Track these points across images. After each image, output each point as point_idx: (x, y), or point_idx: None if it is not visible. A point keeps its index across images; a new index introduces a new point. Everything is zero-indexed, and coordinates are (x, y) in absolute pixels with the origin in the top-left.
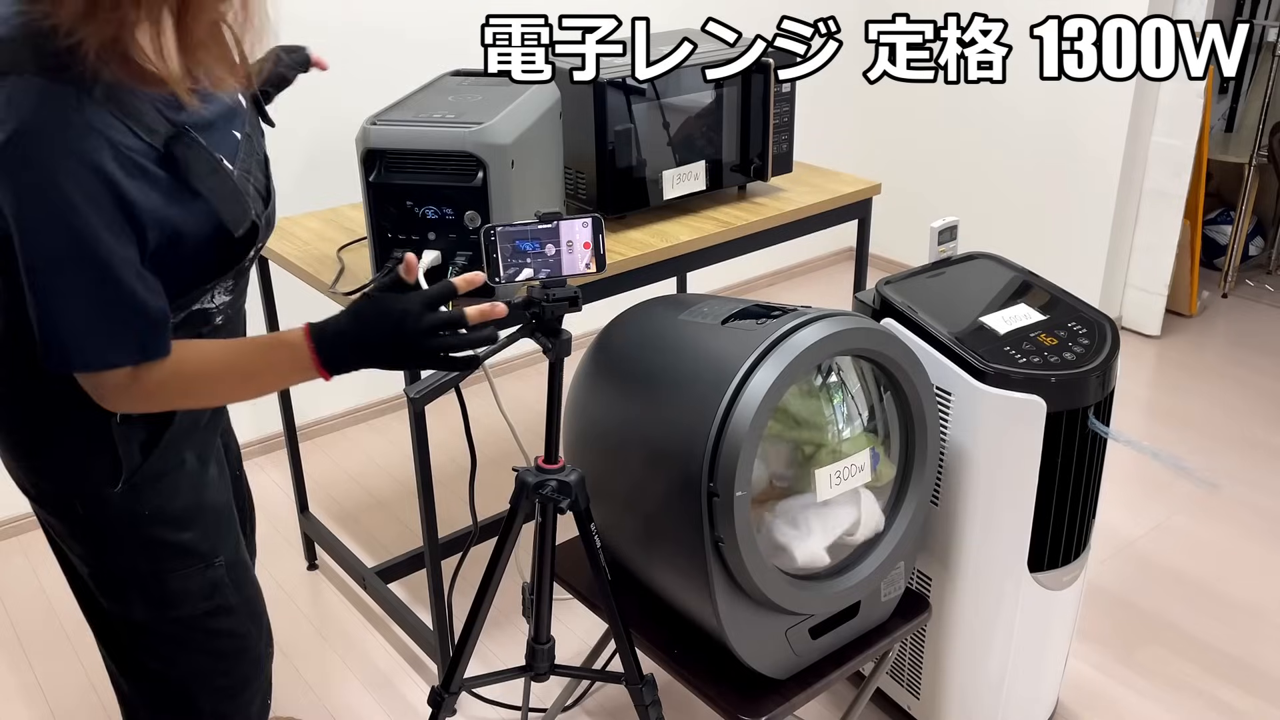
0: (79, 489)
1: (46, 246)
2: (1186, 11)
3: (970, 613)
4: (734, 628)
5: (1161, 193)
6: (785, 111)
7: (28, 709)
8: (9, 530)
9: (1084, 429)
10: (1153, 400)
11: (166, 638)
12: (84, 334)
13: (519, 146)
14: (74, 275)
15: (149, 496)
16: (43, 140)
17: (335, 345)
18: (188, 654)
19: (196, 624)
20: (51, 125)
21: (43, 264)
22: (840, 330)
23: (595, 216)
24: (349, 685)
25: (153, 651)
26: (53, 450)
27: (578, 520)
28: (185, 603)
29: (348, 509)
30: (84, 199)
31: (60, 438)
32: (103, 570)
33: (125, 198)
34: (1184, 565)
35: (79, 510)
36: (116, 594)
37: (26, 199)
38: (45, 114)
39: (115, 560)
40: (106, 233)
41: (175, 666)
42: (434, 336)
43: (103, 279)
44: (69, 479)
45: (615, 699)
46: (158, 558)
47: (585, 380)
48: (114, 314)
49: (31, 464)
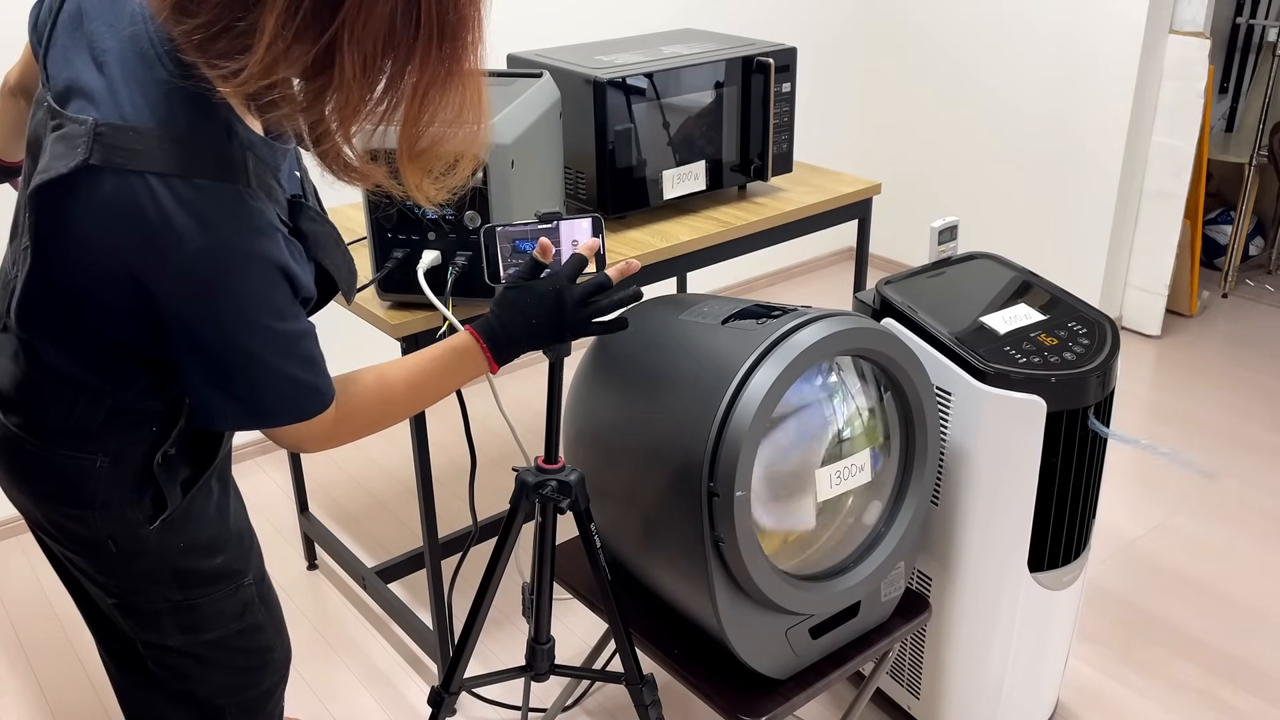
0: (114, 531)
1: (229, 342)
2: (1187, 11)
3: (970, 613)
4: (734, 628)
5: (1161, 193)
6: (785, 111)
7: (28, 709)
8: (9, 530)
9: (1084, 429)
10: (1153, 400)
11: (199, 659)
12: (290, 403)
13: (519, 146)
14: (260, 363)
15: (182, 529)
16: (234, 249)
17: (506, 340)
18: (218, 672)
19: (228, 643)
20: (237, 232)
21: (226, 354)
22: (840, 330)
23: (595, 216)
24: (349, 685)
25: (182, 673)
26: (97, 497)
27: (578, 520)
28: (218, 625)
29: (348, 509)
30: (278, 295)
31: (108, 486)
32: (132, 603)
33: (296, 282)
34: (1184, 565)
35: (112, 550)
36: (149, 624)
37: (218, 305)
38: (229, 222)
39: (149, 593)
40: (292, 320)
41: (204, 684)
42: (586, 305)
43: (291, 353)
44: (108, 523)
45: (615, 699)
46: (191, 586)
47: (585, 380)
48: (306, 382)
49: (69, 511)
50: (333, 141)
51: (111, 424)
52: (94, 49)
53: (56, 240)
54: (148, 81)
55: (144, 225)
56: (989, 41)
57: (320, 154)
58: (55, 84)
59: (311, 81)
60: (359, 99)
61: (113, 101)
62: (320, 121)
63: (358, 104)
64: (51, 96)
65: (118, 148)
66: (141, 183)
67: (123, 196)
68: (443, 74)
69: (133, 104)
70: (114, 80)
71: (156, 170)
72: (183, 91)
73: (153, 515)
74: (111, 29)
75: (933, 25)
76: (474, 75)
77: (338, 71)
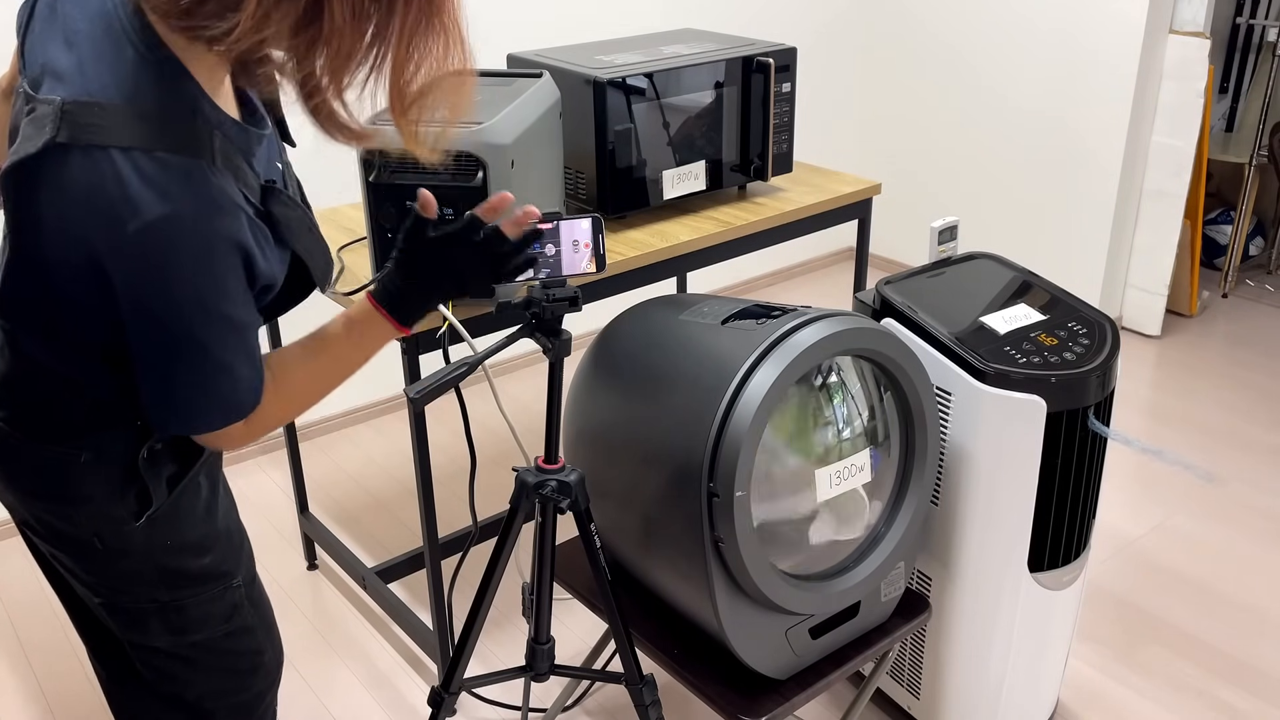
0: (100, 528)
1: (179, 324)
2: (1187, 11)
3: (970, 613)
4: (734, 628)
5: (1161, 193)
6: (785, 111)
7: (28, 709)
8: (9, 530)
9: (1084, 429)
10: (1153, 400)
11: (187, 661)
12: (208, 405)
13: (519, 146)
14: (206, 352)
15: (168, 527)
16: (192, 223)
17: (405, 302)
18: (206, 675)
19: (216, 645)
20: (196, 207)
21: (173, 341)
22: (840, 330)
23: (595, 216)
24: (349, 685)
25: (170, 675)
26: (81, 492)
27: (578, 520)
28: (206, 626)
29: (348, 509)
30: (232, 278)
31: (92, 482)
32: (119, 603)
33: (255, 266)
34: (1184, 565)
35: (98, 547)
36: (136, 625)
37: (171, 280)
38: (188, 196)
39: (135, 592)
40: (243, 307)
41: (193, 687)
42: (486, 255)
43: (238, 347)
44: (93, 519)
45: (615, 699)
46: (178, 586)
47: (585, 380)
48: (237, 379)
49: (53, 507)
50: (324, 97)
51: (93, 418)
52: (66, 31)
53: (27, 228)
54: (117, 60)
55: (104, 199)
56: (989, 42)
57: (313, 111)
58: (31, 70)
59: (302, 33)
60: (350, 46)
61: (81, 80)
62: (311, 76)
63: (349, 52)
64: (27, 83)
65: (84, 124)
66: (105, 158)
67: (86, 173)
68: (426, 14)
69: (100, 81)
70: (83, 60)
71: (121, 144)
72: (152, 69)
73: (138, 512)
74: (83, 10)
75: (933, 26)
76: (455, 14)
77: (327, 20)
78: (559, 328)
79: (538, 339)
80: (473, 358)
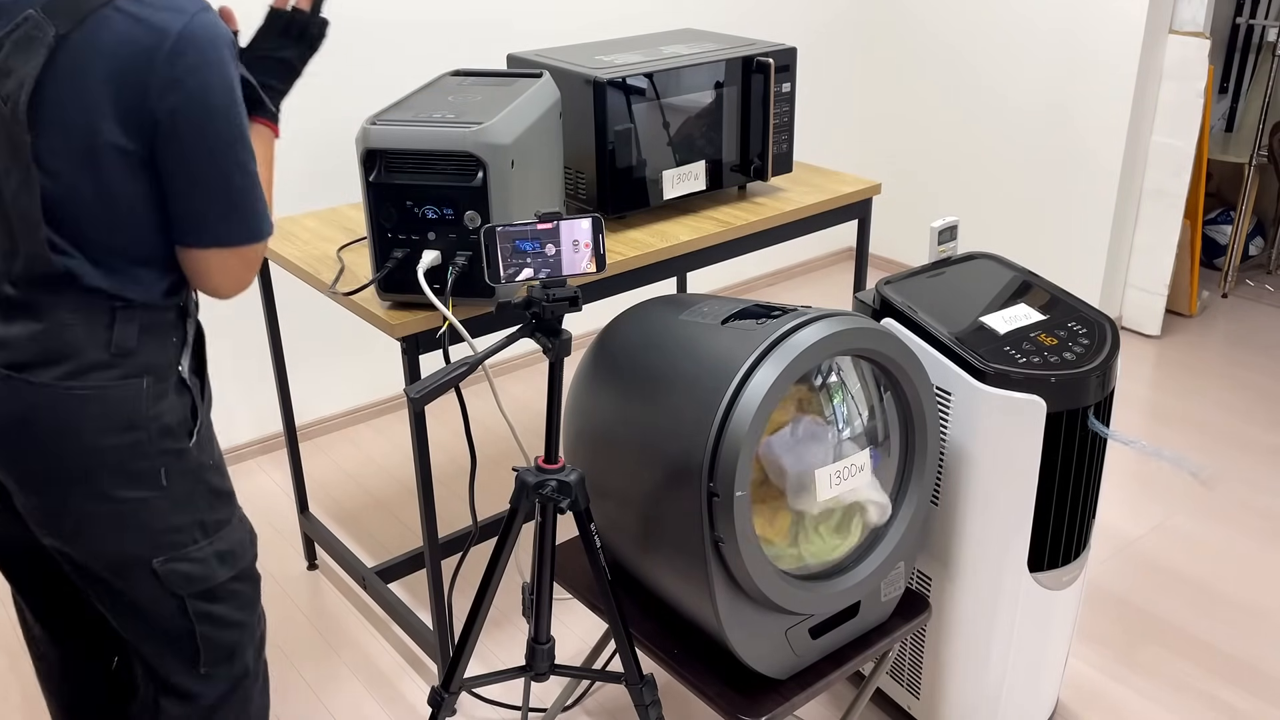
0: (165, 458)
1: (235, 126)
2: (1187, 11)
3: (970, 613)
4: (734, 628)
5: (1161, 193)
6: (785, 111)
7: (27, 709)
8: None
9: (1084, 429)
10: (1153, 400)
11: (234, 595)
12: (262, 208)
13: (519, 146)
14: (250, 152)
15: (207, 444)
16: (214, 20)
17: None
18: (246, 609)
19: (250, 574)
20: (204, 9)
21: (226, 146)
22: (840, 330)
23: (595, 216)
24: (349, 685)
25: (221, 620)
26: (148, 416)
27: (578, 520)
28: (244, 555)
29: (348, 509)
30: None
31: (154, 403)
32: (183, 549)
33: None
34: (1184, 565)
35: (162, 483)
36: (202, 562)
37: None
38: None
39: (199, 522)
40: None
41: (231, 630)
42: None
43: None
44: (158, 445)
45: (615, 699)
46: (217, 508)
47: (585, 380)
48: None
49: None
50: None
51: (144, 339)
52: None
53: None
54: None
55: (131, 38)
56: (989, 41)
57: None
58: None
59: None
60: None
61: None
62: None
63: None
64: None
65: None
66: (111, 10)
67: (102, 33)
68: None
69: None
70: None
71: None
72: None
73: (191, 429)
74: None
75: (933, 25)
76: None
77: None
78: (559, 328)
79: (538, 339)
80: (473, 358)
